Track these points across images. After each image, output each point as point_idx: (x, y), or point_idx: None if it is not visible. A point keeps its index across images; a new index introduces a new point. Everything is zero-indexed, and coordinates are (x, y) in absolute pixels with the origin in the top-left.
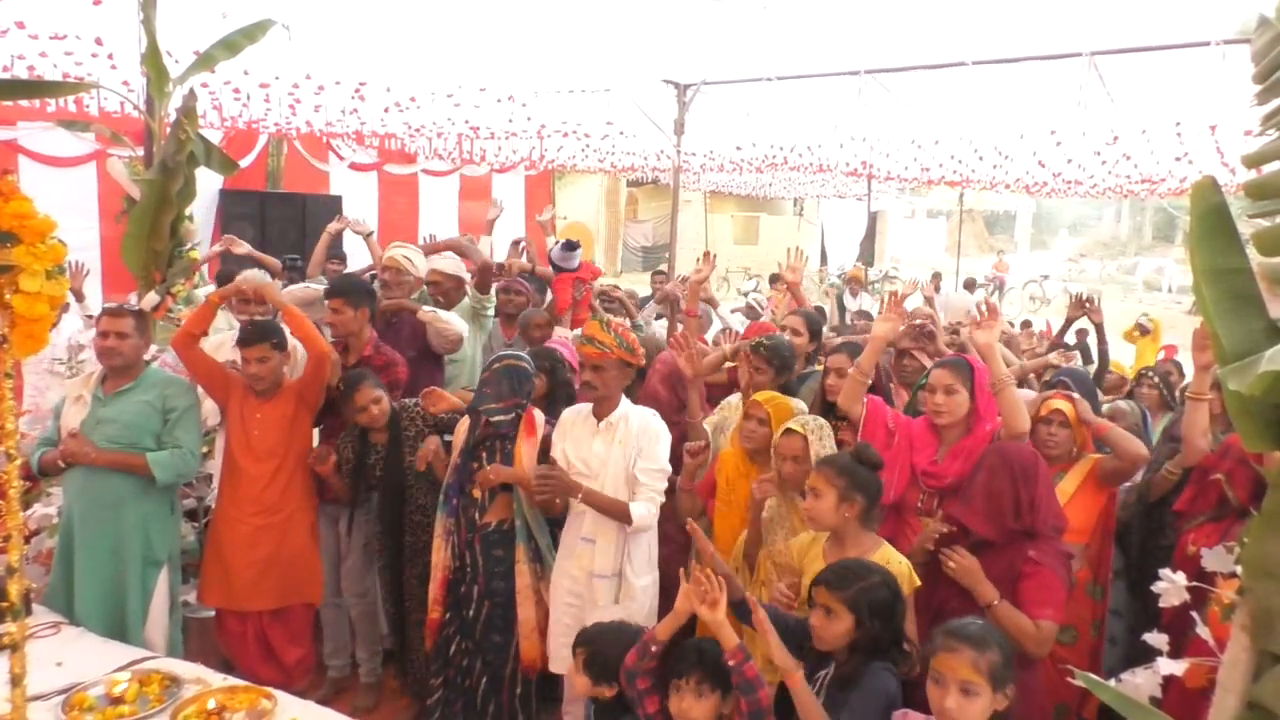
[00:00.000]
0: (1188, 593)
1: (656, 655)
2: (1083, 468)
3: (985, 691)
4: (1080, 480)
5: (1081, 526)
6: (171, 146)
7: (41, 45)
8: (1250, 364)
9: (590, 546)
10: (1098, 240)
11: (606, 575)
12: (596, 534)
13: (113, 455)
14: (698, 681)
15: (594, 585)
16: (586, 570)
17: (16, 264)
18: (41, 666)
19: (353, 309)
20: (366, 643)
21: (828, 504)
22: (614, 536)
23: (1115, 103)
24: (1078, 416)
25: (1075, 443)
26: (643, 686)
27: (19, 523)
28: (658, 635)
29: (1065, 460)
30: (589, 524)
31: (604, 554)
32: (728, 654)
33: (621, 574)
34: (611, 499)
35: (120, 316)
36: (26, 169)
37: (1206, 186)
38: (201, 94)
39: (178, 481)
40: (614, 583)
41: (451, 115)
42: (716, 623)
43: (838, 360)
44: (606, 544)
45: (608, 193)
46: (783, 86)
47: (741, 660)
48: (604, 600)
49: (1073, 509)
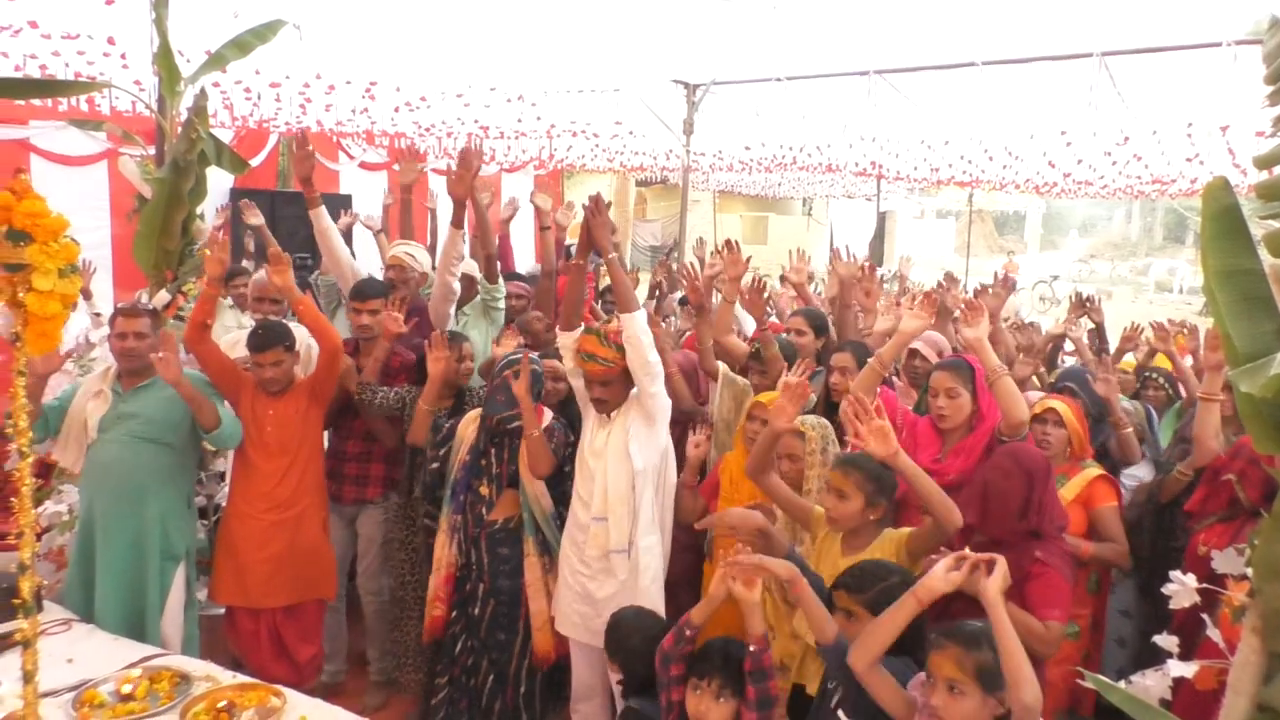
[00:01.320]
0: (1198, 594)
1: (693, 639)
2: (1080, 483)
3: (973, 691)
4: (1075, 494)
5: (1078, 531)
6: (183, 145)
7: (54, 44)
8: (1262, 366)
9: (604, 525)
10: (1108, 241)
11: (622, 549)
12: (608, 510)
13: (191, 389)
14: (719, 685)
15: (612, 560)
16: (602, 549)
17: (30, 262)
18: (53, 663)
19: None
20: (378, 641)
21: (854, 507)
22: (625, 509)
23: (1126, 103)
24: (1075, 416)
25: (1072, 444)
26: (675, 673)
27: (31, 520)
28: (693, 619)
29: (1061, 461)
30: (599, 502)
31: (617, 529)
32: (752, 639)
33: (634, 543)
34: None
35: (136, 316)
36: (38, 168)
37: (1218, 188)
38: (213, 93)
39: (229, 445)
40: (628, 554)
41: (461, 115)
42: (750, 604)
43: (841, 359)
44: (618, 519)
45: (617, 192)
46: (792, 86)
47: (762, 648)
48: (622, 573)
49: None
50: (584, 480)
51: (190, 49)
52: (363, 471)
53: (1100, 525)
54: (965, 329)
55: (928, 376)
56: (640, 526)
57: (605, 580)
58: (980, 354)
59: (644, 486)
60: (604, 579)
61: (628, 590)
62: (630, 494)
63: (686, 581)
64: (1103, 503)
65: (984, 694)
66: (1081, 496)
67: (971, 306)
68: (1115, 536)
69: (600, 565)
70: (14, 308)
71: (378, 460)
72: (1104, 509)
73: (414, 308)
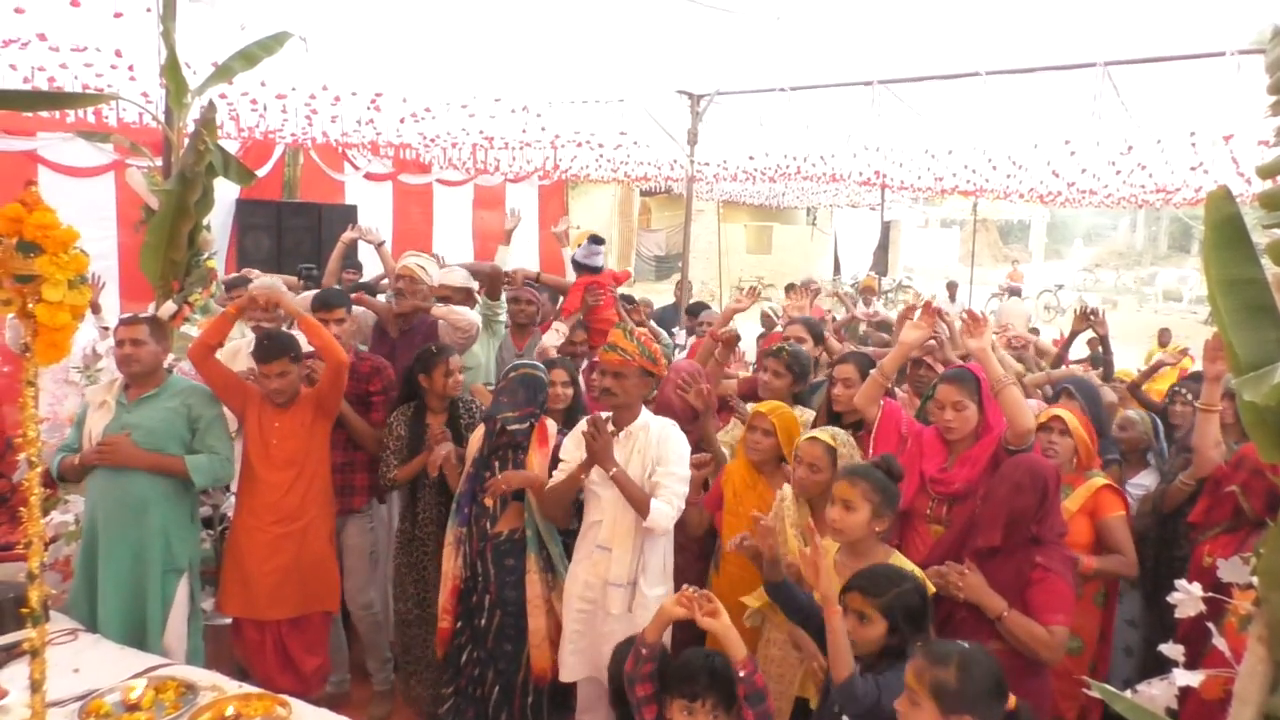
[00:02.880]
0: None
1: (649, 658)
2: (1085, 493)
3: (927, 706)
4: (1080, 505)
5: (1084, 543)
6: (190, 157)
7: (62, 57)
8: (1265, 374)
9: (607, 554)
10: (1112, 250)
11: (621, 584)
12: (613, 542)
13: (153, 456)
14: (713, 704)
15: (608, 593)
16: (602, 578)
17: (40, 274)
18: (59, 673)
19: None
20: (377, 652)
21: (861, 518)
22: (630, 545)
23: (1130, 112)
24: (1080, 425)
25: (1078, 453)
26: (641, 694)
27: (40, 529)
28: (646, 638)
29: (1068, 471)
30: (605, 532)
31: (620, 562)
32: (737, 664)
33: (635, 583)
34: (639, 488)
35: (134, 324)
36: (46, 179)
37: (1220, 197)
38: (219, 105)
39: (215, 485)
40: (628, 591)
41: (466, 125)
42: (721, 632)
43: (844, 370)
44: (622, 552)
45: (621, 202)
46: (796, 96)
47: (751, 671)
48: (617, 609)
49: (1076, 526)
50: (591, 501)
51: (197, 61)
52: (346, 481)
53: (1107, 536)
54: (969, 340)
55: (932, 386)
56: (649, 576)
57: (605, 619)
58: (985, 364)
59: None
60: (604, 617)
61: (632, 631)
62: (637, 531)
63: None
64: (1110, 513)
65: (940, 713)
66: (1087, 507)
67: (973, 318)
68: (1123, 547)
69: (601, 598)
70: (24, 318)
71: (361, 470)
72: (1112, 519)
73: (421, 321)
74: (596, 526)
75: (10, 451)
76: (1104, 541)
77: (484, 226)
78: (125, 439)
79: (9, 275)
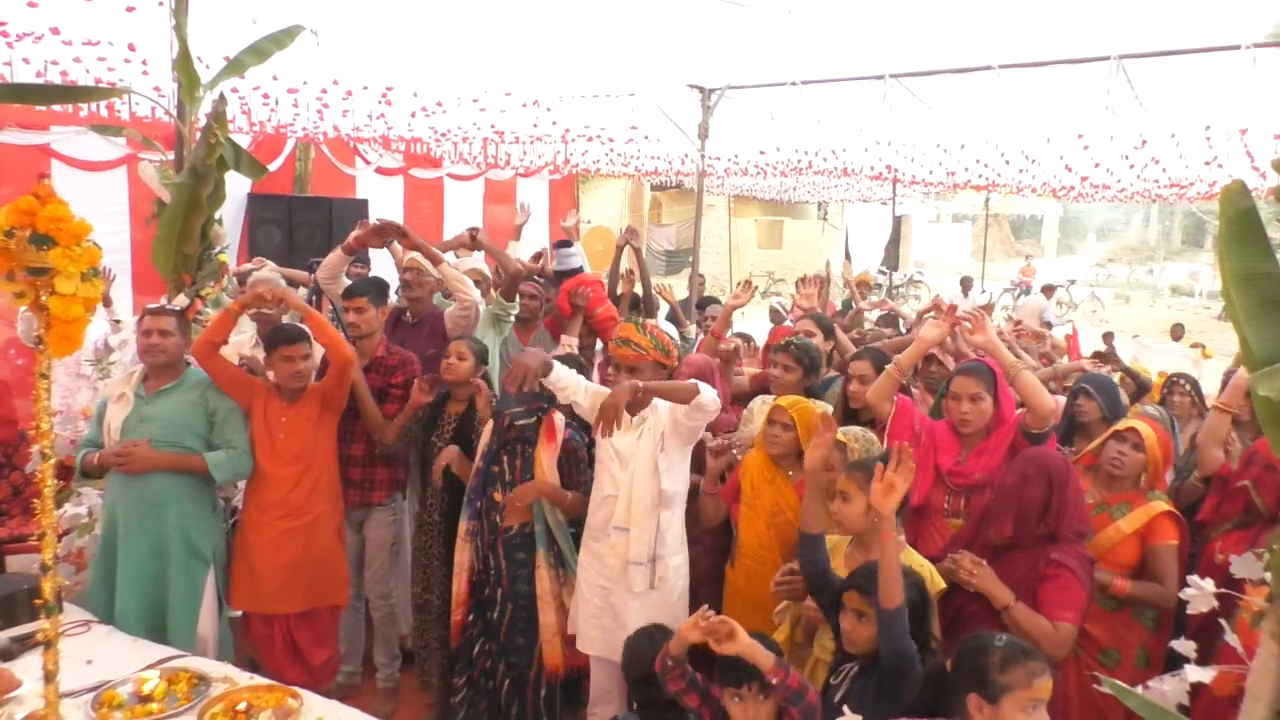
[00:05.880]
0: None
1: (675, 668)
2: (1143, 515)
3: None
4: (1136, 526)
5: (1129, 564)
6: (201, 151)
7: (75, 51)
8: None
9: (625, 535)
10: (1125, 245)
11: (642, 562)
12: (631, 521)
13: (171, 457)
14: (759, 688)
15: (630, 571)
16: (622, 559)
17: (53, 266)
18: (72, 664)
19: (374, 308)
20: (386, 646)
21: (857, 509)
22: (647, 523)
23: (1143, 106)
24: (1158, 443)
25: (1146, 470)
26: (674, 689)
27: (53, 521)
28: (671, 650)
29: (1132, 487)
30: (622, 511)
31: (639, 541)
32: (768, 673)
33: (655, 557)
34: (673, 383)
35: (163, 315)
36: (59, 172)
37: (1236, 191)
38: (231, 99)
39: (235, 480)
40: (649, 569)
41: (477, 120)
42: (744, 651)
43: (860, 367)
44: (640, 531)
45: (631, 197)
46: (807, 91)
47: (783, 676)
48: (639, 587)
49: (1126, 547)
50: (604, 477)
51: (209, 55)
52: (367, 476)
53: (1154, 562)
54: (974, 336)
55: (944, 382)
56: (668, 545)
57: (627, 594)
58: (995, 354)
59: (673, 506)
60: (625, 593)
61: (654, 605)
62: (654, 509)
63: (709, 583)
64: (1160, 540)
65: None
66: (1142, 529)
67: (973, 316)
68: (1165, 578)
69: (620, 577)
70: (37, 311)
71: (381, 464)
72: (1161, 546)
73: (428, 313)
74: (610, 502)
75: (24, 444)
76: (1149, 567)
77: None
78: (143, 445)
79: (22, 268)
